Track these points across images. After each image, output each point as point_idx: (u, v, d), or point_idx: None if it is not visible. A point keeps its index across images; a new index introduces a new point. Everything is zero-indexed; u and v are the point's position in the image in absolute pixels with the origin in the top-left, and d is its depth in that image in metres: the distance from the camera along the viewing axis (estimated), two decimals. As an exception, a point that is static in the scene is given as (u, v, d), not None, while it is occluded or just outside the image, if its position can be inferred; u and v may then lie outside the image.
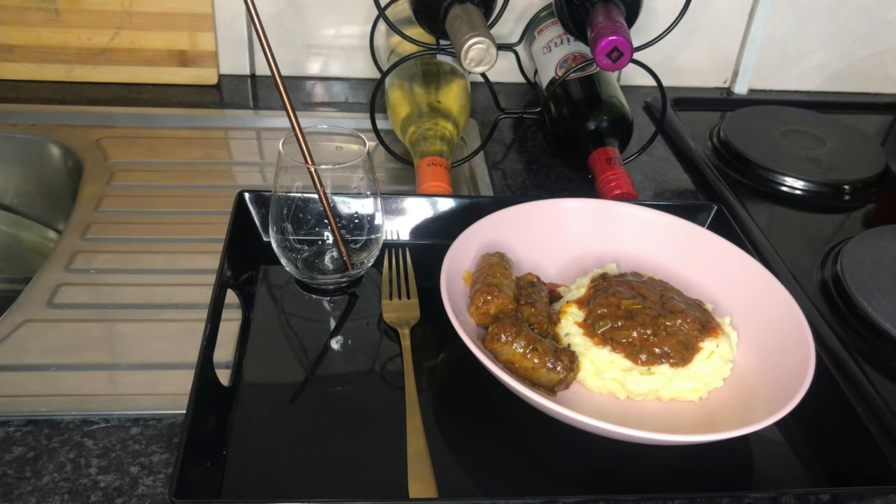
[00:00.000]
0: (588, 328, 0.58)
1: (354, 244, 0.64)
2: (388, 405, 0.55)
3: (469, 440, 0.54)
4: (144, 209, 0.76)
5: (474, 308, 0.58)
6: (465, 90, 0.84)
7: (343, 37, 1.00)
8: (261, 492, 0.49)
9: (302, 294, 0.65)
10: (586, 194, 0.73)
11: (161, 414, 0.54)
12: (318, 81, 1.02)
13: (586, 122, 0.82)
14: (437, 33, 0.76)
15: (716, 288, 0.64)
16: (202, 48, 0.95)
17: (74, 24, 0.92)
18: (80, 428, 0.53)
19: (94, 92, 0.93)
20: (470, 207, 0.70)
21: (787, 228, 0.82)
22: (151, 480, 0.50)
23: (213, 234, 0.69)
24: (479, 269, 0.61)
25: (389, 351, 0.60)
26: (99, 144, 0.84)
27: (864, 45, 1.08)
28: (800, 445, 0.56)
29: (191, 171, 0.83)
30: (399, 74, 0.83)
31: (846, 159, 0.92)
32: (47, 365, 0.58)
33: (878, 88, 1.12)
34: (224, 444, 0.51)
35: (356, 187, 0.62)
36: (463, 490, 0.51)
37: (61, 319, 0.62)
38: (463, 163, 0.84)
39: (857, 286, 0.69)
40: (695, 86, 1.09)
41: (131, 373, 0.58)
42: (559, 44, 0.89)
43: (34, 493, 0.48)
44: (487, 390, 0.55)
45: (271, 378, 0.58)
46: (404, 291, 0.65)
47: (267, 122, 0.93)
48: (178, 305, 0.64)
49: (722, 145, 0.93)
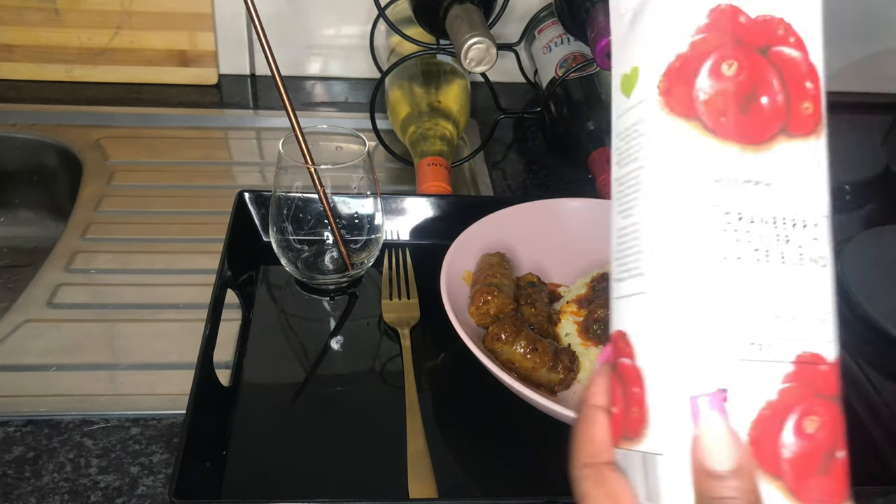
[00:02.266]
0: (583, 331, 0.58)
1: (354, 244, 0.64)
2: (388, 405, 0.55)
3: (469, 440, 0.54)
4: (144, 209, 0.76)
5: (474, 308, 0.58)
6: (465, 90, 0.84)
7: (343, 37, 1.00)
8: (261, 492, 0.49)
9: (302, 294, 0.65)
10: (586, 194, 0.73)
11: (161, 414, 0.54)
12: (318, 81, 1.02)
13: (586, 122, 0.82)
14: (437, 33, 0.76)
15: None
16: (202, 48, 0.95)
17: (74, 24, 0.92)
18: (80, 428, 0.53)
19: (93, 92, 0.93)
20: (470, 207, 0.70)
21: (787, 228, 0.82)
22: (151, 480, 0.50)
23: (213, 234, 0.69)
24: (479, 269, 0.61)
25: (389, 351, 0.60)
26: (99, 144, 0.84)
27: (864, 44, 1.08)
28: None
29: (191, 170, 0.83)
30: (399, 74, 0.83)
31: (846, 159, 0.92)
32: (47, 365, 0.57)
33: (878, 88, 1.11)
34: (224, 444, 0.51)
35: (356, 187, 0.62)
36: (463, 490, 0.51)
37: (61, 319, 0.62)
38: (463, 163, 0.84)
39: (858, 286, 0.69)
40: (695, 86, 1.09)
41: (131, 373, 0.58)
42: (559, 44, 0.89)
43: (34, 494, 0.48)
44: (487, 390, 0.55)
45: (271, 378, 0.58)
46: (404, 291, 0.65)
47: (267, 122, 0.93)
48: (178, 305, 0.64)
49: (722, 145, 0.93)
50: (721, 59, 0.28)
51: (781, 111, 0.28)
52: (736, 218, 0.27)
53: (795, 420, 0.27)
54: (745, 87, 0.28)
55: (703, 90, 0.28)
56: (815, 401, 0.27)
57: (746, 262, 0.27)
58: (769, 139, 0.28)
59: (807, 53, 0.29)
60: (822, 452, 0.27)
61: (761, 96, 0.28)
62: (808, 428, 0.27)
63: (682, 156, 0.28)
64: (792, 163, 0.28)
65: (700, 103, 0.28)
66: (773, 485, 0.27)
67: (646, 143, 0.29)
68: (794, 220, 0.28)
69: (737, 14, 0.28)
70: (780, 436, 0.27)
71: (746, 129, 0.28)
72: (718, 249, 0.27)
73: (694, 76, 0.28)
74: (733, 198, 0.27)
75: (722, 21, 0.28)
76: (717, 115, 0.28)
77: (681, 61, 0.28)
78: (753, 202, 0.27)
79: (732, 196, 0.27)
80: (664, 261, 0.28)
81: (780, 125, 0.28)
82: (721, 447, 0.26)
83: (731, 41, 0.28)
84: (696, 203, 0.28)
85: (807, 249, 0.28)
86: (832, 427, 0.27)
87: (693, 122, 0.28)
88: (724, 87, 0.28)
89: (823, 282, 0.28)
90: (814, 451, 0.27)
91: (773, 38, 0.28)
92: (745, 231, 0.27)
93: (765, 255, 0.27)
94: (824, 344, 0.27)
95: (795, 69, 0.29)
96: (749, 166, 0.27)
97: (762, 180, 0.28)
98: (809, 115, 0.29)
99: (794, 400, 0.27)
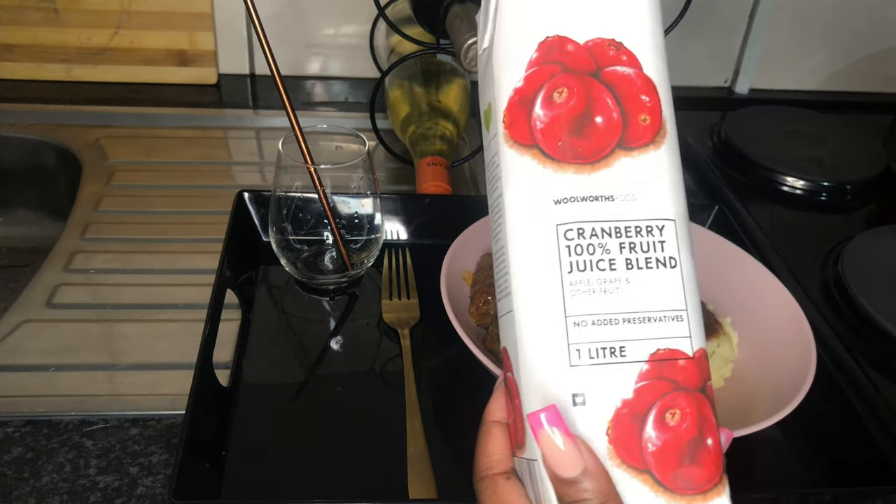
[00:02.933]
0: None
1: (354, 244, 0.64)
2: (388, 405, 0.55)
3: (469, 440, 0.54)
4: (144, 209, 0.76)
5: (474, 308, 0.58)
6: (466, 90, 0.84)
7: (343, 36, 1.00)
8: (261, 492, 0.49)
9: (302, 294, 0.65)
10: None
11: (160, 414, 0.54)
12: (317, 81, 1.02)
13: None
14: (437, 33, 0.76)
15: (717, 288, 0.64)
16: (202, 48, 0.95)
17: (74, 24, 0.92)
18: (80, 428, 0.53)
19: (93, 91, 0.93)
20: (470, 207, 0.70)
21: (787, 228, 0.82)
22: (151, 481, 0.50)
23: (212, 234, 0.69)
24: (479, 269, 0.61)
25: (389, 351, 0.60)
26: (98, 144, 0.84)
27: (865, 44, 1.08)
28: (800, 446, 0.55)
29: (190, 170, 0.82)
30: (399, 74, 0.83)
31: (847, 159, 0.92)
32: (46, 365, 0.57)
33: (879, 88, 1.11)
34: (224, 444, 0.51)
35: (356, 187, 0.62)
36: (463, 490, 0.50)
37: (60, 320, 0.62)
38: (463, 163, 0.84)
39: (858, 286, 0.69)
40: (695, 85, 1.09)
41: (131, 373, 0.58)
42: (559, 43, 0.89)
43: (33, 494, 0.48)
44: (488, 390, 0.55)
45: (271, 378, 0.57)
46: (404, 291, 0.64)
47: (267, 122, 0.92)
48: (178, 305, 0.64)
49: (723, 145, 0.93)
50: (552, 88, 0.30)
51: (616, 128, 0.30)
52: (576, 234, 0.29)
53: (654, 414, 0.28)
54: (577, 111, 0.30)
55: (539, 119, 0.30)
56: (675, 395, 0.28)
57: (592, 272, 0.29)
58: (606, 156, 0.30)
59: (640, 67, 0.30)
60: (685, 442, 0.28)
61: (595, 116, 0.30)
62: (670, 421, 0.28)
63: (525, 183, 0.30)
64: (631, 174, 0.30)
65: (537, 132, 0.30)
66: (638, 478, 0.28)
67: (501, 174, 0.31)
68: (637, 227, 0.29)
69: (564, 43, 0.30)
70: (642, 431, 0.28)
71: (582, 150, 0.30)
72: (561, 264, 0.29)
73: (530, 107, 0.30)
74: (573, 215, 0.29)
75: (551, 52, 0.30)
76: (553, 141, 0.30)
77: (518, 95, 0.31)
78: (594, 216, 0.29)
79: (572, 214, 0.29)
80: (519, 280, 0.31)
81: (616, 141, 0.30)
82: (562, 457, 0.28)
83: (560, 70, 0.30)
84: (538, 225, 0.30)
85: (653, 253, 0.29)
86: (695, 417, 0.28)
87: (533, 151, 0.30)
88: (557, 114, 0.30)
89: (674, 282, 0.29)
90: (677, 441, 0.28)
91: (604, 58, 0.30)
92: (588, 244, 0.29)
93: (609, 265, 0.29)
94: (680, 340, 0.29)
95: (630, 85, 0.30)
96: (587, 184, 0.29)
97: (602, 194, 0.29)
98: (647, 127, 0.30)
99: (652, 396, 0.28)
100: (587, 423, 0.29)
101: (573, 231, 0.29)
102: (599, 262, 0.29)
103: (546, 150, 0.30)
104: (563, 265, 0.29)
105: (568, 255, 0.29)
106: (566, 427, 0.28)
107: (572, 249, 0.29)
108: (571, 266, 0.29)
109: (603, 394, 0.29)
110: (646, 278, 0.29)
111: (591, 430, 0.29)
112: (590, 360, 0.29)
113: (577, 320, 0.29)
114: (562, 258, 0.29)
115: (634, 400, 0.28)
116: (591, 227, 0.29)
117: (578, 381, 0.29)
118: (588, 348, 0.29)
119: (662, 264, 0.29)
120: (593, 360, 0.29)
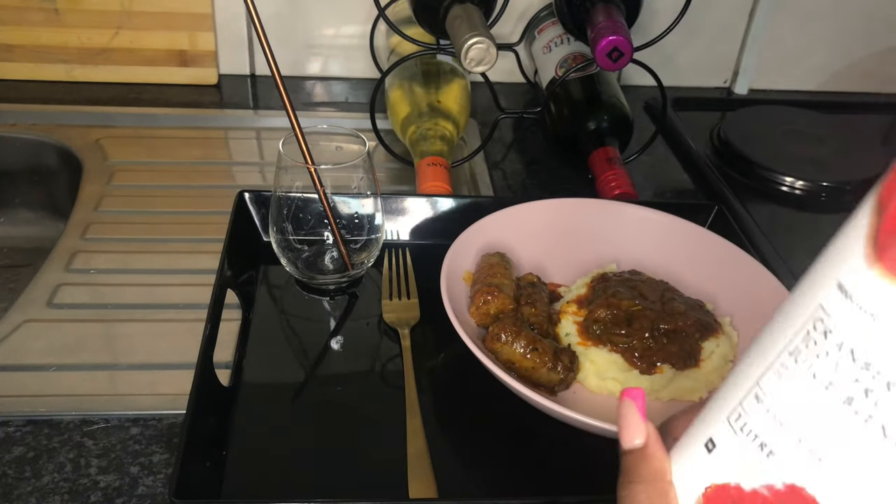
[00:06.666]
0: (583, 331, 0.58)
1: (354, 244, 0.64)
2: (388, 405, 0.55)
3: (469, 440, 0.54)
4: (144, 209, 0.76)
5: (474, 308, 0.58)
6: (465, 90, 0.84)
7: (343, 37, 1.00)
8: (261, 492, 0.49)
9: (302, 294, 0.65)
10: (586, 194, 0.73)
11: (161, 414, 0.54)
12: (318, 81, 1.02)
13: (586, 122, 0.82)
14: (437, 33, 0.76)
15: (716, 288, 0.64)
16: (202, 48, 0.95)
17: (74, 24, 0.92)
18: (80, 428, 0.53)
19: (93, 92, 0.93)
20: (470, 207, 0.70)
21: (787, 228, 0.82)
22: (151, 480, 0.50)
23: (213, 234, 0.69)
24: (479, 269, 0.61)
25: (389, 351, 0.60)
26: (99, 144, 0.84)
27: (865, 45, 1.08)
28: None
29: (190, 170, 0.83)
30: (399, 74, 0.83)
31: (847, 159, 0.92)
32: (47, 365, 0.57)
33: (879, 88, 1.11)
34: (224, 444, 0.51)
35: (356, 187, 0.62)
36: (463, 490, 0.51)
37: (61, 319, 0.62)
38: (463, 163, 0.84)
39: (858, 286, 0.69)
40: (695, 86, 1.09)
41: (131, 373, 0.58)
42: (559, 44, 0.89)
43: (34, 494, 0.48)
44: (487, 390, 0.55)
45: (271, 378, 0.58)
46: (404, 291, 0.64)
47: (267, 122, 0.92)
48: (178, 305, 0.64)
49: (722, 145, 0.93)
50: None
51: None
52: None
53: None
54: None
55: None
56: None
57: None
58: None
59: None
60: None
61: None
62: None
63: None
64: None
65: None
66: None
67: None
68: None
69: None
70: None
71: None
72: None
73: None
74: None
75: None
76: None
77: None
78: None
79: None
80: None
81: None
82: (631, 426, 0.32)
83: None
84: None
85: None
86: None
87: None
88: None
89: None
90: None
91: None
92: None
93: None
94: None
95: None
96: None
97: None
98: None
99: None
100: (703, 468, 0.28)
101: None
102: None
103: None
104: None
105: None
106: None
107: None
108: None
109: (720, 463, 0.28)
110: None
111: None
112: (739, 430, 0.27)
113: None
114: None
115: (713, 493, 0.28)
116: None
117: (720, 434, 0.28)
118: (746, 423, 0.27)
119: None
120: (740, 432, 0.27)
